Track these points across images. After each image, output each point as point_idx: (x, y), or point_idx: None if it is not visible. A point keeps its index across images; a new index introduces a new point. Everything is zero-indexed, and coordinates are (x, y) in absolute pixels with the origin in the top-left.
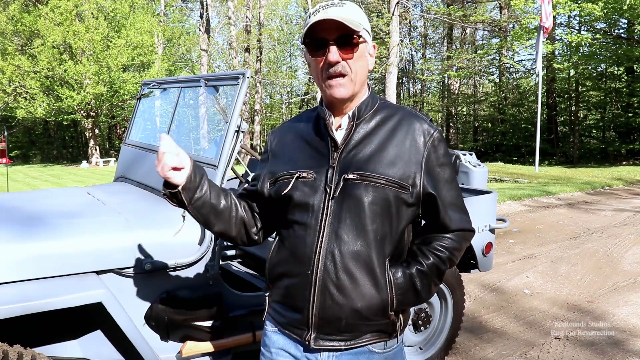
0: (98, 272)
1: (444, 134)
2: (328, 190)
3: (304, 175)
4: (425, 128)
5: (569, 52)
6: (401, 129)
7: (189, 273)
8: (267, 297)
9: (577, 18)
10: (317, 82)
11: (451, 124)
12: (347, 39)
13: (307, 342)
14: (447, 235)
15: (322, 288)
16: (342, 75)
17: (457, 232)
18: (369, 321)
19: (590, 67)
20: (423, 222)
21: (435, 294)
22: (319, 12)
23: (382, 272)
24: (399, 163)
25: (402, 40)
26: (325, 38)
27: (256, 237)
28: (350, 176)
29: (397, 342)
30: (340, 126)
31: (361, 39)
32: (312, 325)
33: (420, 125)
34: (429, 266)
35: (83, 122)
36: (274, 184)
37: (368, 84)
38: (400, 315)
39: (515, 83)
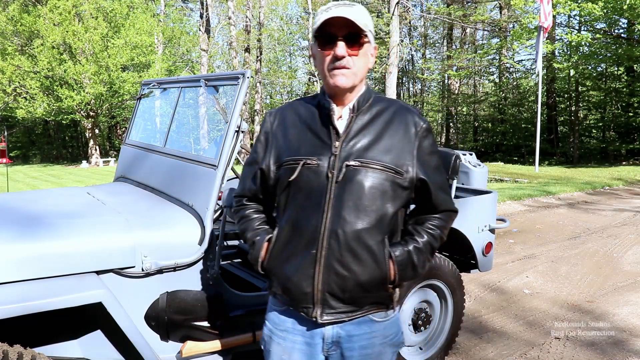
0: (98, 272)
1: (445, 132)
2: (330, 175)
3: (309, 162)
4: (416, 120)
5: (569, 52)
6: (395, 121)
7: (189, 273)
8: (271, 277)
9: (577, 18)
10: (321, 73)
11: (451, 124)
12: (354, 37)
13: (314, 319)
14: (437, 215)
15: (326, 265)
16: (347, 68)
17: (444, 212)
18: (370, 293)
19: (590, 67)
20: (412, 205)
21: (436, 294)
22: (330, 9)
23: (382, 248)
24: (394, 151)
25: (402, 40)
26: (335, 34)
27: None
28: (352, 163)
29: (394, 312)
30: (341, 116)
31: (366, 39)
32: (318, 300)
33: (412, 118)
34: (424, 244)
35: (83, 122)
36: (279, 169)
37: (365, 80)
38: (397, 288)
39: (515, 83)
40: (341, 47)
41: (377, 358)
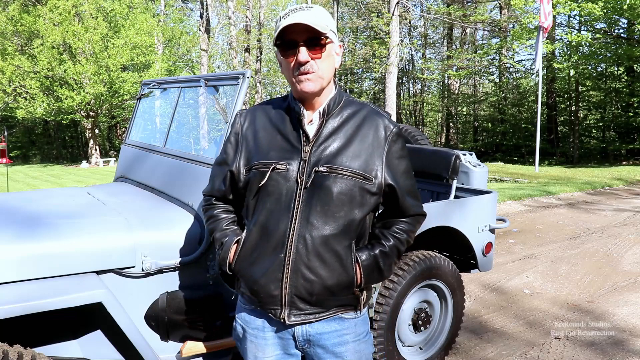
0: (98, 272)
1: (445, 132)
2: (300, 180)
3: (278, 167)
4: (386, 124)
5: (569, 52)
6: (365, 126)
7: (189, 273)
8: (239, 277)
9: (577, 18)
10: (288, 80)
11: (451, 124)
12: (315, 40)
13: (282, 320)
14: (404, 220)
15: (294, 269)
16: (311, 73)
17: (412, 216)
18: (337, 296)
19: (590, 67)
20: (381, 209)
21: (436, 294)
22: (289, 15)
23: (348, 253)
24: (363, 156)
25: (402, 40)
26: (295, 40)
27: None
28: (321, 169)
29: (361, 313)
30: (311, 121)
31: (328, 40)
32: (285, 302)
33: (382, 121)
34: (390, 248)
35: (83, 122)
36: (249, 172)
37: (335, 82)
38: (364, 291)
39: (515, 83)
40: (303, 53)
41: (353, 355)
